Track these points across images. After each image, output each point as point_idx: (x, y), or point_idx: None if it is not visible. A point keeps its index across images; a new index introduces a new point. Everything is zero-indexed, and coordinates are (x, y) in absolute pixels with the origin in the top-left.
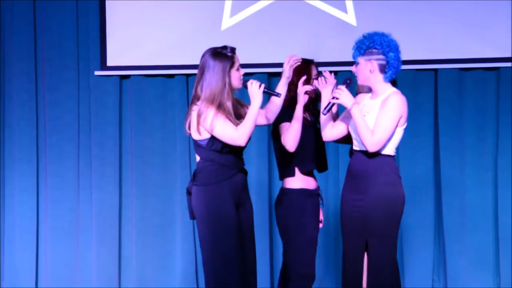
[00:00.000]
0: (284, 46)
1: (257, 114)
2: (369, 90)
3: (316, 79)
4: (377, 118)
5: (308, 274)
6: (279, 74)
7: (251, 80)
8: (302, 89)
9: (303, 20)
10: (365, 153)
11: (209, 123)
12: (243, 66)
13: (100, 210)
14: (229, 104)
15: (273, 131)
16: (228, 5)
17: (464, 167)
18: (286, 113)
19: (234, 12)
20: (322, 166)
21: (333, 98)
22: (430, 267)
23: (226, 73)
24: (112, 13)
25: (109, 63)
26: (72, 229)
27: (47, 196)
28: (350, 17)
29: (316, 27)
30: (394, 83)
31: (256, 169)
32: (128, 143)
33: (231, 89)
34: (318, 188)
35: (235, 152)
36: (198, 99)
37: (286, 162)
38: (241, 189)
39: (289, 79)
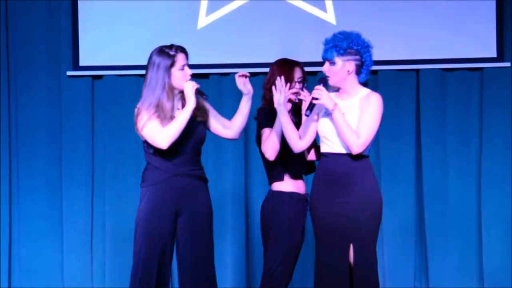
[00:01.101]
0: (262, 46)
1: (188, 117)
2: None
3: (300, 82)
4: (361, 118)
5: (285, 280)
6: (255, 74)
7: (188, 81)
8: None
9: (281, 19)
10: (349, 155)
11: (141, 124)
12: (218, 66)
13: (71, 215)
14: (168, 106)
15: (257, 134)
16: (204, 4)
17: (447, 170)
18: (268, 117)
19: (210, 10)
20: (310, 168)
21: (314, 98)
22: (412, 273)
23: (165, 72)
24: (85, 12)
25: (82, 63)
26: (42, 233)
27: (19, 199)
28: (329, 16)
29: (294, 26)
30: (365, 83)
31: (233, 172)
32: (101, 145)
33: (171, 89)
34: (307, 194)
35: (171, 155)
36: None
37: (273, 167)
38: (182, 195)
39: (250, 94)
